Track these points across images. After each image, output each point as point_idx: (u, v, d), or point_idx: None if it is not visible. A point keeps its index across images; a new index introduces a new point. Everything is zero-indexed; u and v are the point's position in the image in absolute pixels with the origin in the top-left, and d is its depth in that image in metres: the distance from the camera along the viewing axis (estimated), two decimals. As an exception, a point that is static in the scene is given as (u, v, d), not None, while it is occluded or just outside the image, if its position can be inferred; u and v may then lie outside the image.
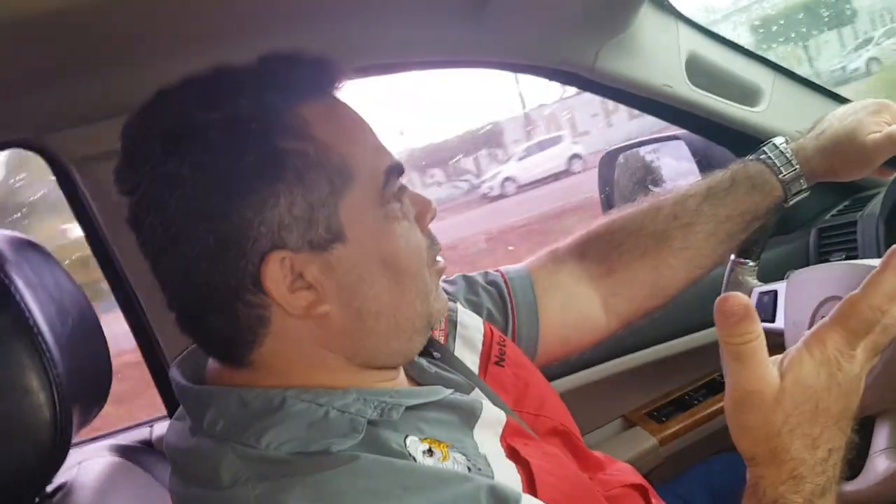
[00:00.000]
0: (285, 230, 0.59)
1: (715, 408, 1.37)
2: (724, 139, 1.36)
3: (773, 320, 0.98)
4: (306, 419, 0.59)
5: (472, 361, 0.81)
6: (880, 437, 0.81)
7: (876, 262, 0.89)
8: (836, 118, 0.95)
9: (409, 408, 0.63)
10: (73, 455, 1.00)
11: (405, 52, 1.22)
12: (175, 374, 0.68)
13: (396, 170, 0.66)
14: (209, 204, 0.58)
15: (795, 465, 0.56)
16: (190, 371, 0.69)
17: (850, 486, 0.83)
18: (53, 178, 1.15)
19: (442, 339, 0.82)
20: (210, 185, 0.58)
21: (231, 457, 0.57)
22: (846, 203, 1.31)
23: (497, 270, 0.97)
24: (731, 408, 0.58)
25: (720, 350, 0.57)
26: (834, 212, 1.31)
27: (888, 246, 1.06)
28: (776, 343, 0.98)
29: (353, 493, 0.54)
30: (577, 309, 0.96)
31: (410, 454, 0.59)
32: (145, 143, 0.60)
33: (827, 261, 1.22)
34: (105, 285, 1.21)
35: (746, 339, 0.54)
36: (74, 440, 0.79)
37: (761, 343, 0.55)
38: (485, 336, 0.84)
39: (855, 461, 0.83)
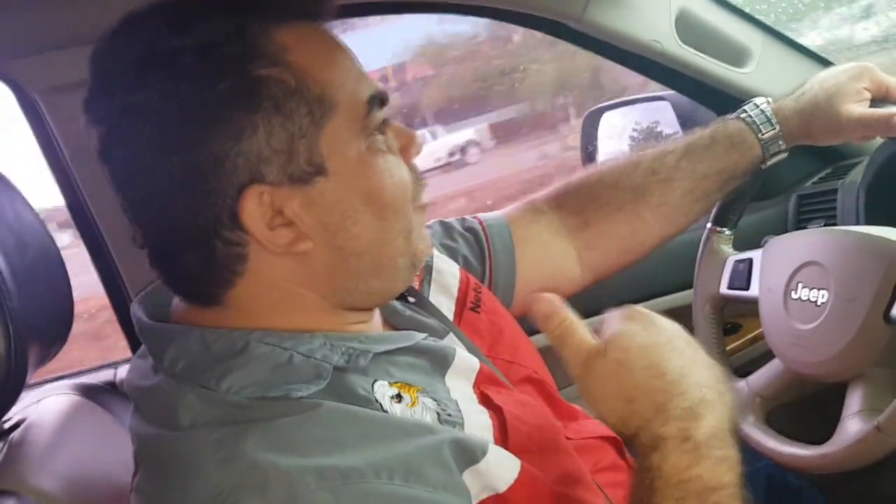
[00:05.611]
0: (264, 163, 0.57)
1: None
2: (710, 100, 1.34)
3: (747, 288, 0.98)
4: (269, 363, 0.57)
5: (447, 307, 0.80)
6: (853, 401, 0.82)
7: (854, 228, 0.90)
8: (818, 81, 0.94)
9: (379, 353, 0.62)
10: (34, 393, 0.99)
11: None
12: (137, 310, 0.66)
13: (379, 99, 0.62)
14: (182, 134, 0.55)
15: (650, 395, 0.57)
16: (152, 308, 0.67)
17: (822, 450, 0.83)
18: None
19: (416, 285, 0.80)
20: (183, 114, 0.55)
21: (191, 398, 0.56)
22: (827, 171, 1.31)
23: (475, 217, 0.95)
24: (580, 386, 0.60)
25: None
26: (815, 179, 1.31)
27: (868, 214, 1.08)
28: (750, 311, 0.98)
29: (312, 441, 0.53)
30: (553, 261, 0.95)
31: (377, 400, 0.58)
32: (114, 71, 0.57)
33: (805, 228, 1.22)
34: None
35: (563, 325, 0.61)
36: (35, 379, 0.77)
37: (575, 321, 0.62)
38: (460, 282, 0.83)
39: (826, 425, 0.84)
